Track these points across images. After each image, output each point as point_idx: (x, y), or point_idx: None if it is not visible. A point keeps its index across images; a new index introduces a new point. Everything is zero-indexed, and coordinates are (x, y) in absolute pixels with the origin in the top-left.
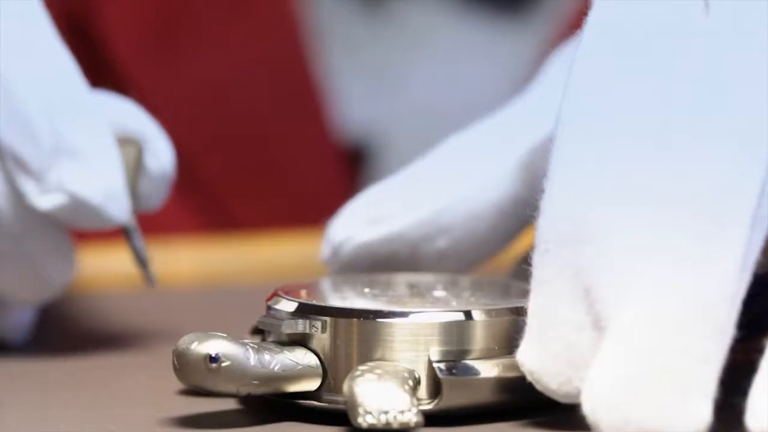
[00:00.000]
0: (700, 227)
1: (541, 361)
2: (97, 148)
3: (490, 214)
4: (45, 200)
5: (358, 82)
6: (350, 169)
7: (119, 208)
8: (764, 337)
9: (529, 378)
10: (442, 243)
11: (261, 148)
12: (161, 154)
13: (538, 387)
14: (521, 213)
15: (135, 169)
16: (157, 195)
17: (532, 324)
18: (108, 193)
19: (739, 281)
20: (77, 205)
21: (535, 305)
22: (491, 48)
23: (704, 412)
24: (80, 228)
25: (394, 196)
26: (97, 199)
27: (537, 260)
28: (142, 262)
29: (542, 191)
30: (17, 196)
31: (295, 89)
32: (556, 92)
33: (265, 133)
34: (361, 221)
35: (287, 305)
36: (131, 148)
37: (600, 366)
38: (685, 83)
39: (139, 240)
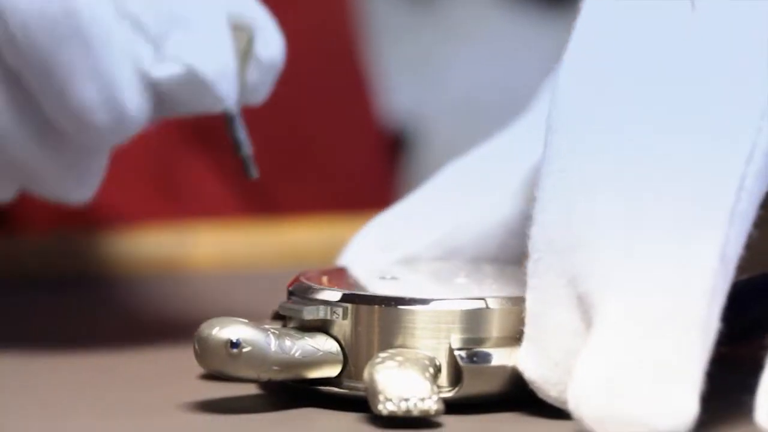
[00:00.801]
0: (682, 225)
1: (541, 369)
2: (213, 27)
3: (499, 233)
4: (161, 68)
5: (403, 71)
6: (392, 156)
7: (228, 89)
8: None
9: (530, 386)
10: None
11: (305, 133)
12: (271, 44)
13: (540, 395)
14: (529, 230)
15: (245, 56)
16: (263, 87)
17: (530, 333)
18: (220, 71)
19: (719, 276)
20: (191, 77)
21: (532, 314)
22: (532, 40)
23: (690, 404)
24: (185, 110)
25: (404, 222)
26: (210, 75)
27: (531, 269)
28: (242, 152)
29: (534, 200)
30: None
31: (341, 75)
32: None
33: (310, 118)
34: (373, 248)
35: (309, 291)
36: (243, 34)
37: (584, 362)
38: (671, 82)
39: (242, 130)
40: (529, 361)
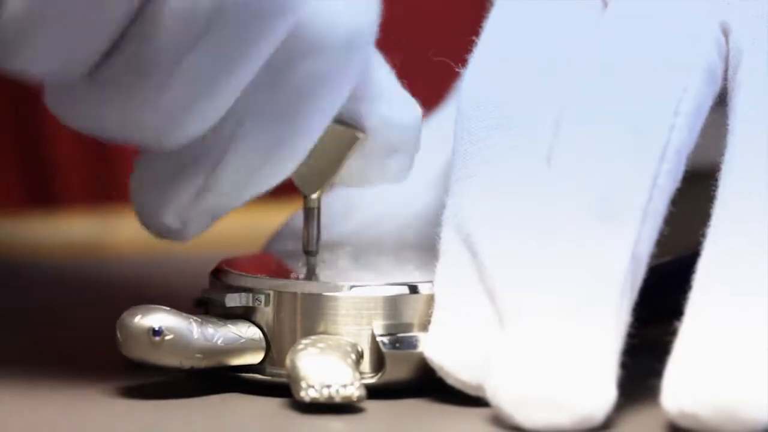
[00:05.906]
0: (594, 222)
1: (450, 354)
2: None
3: (417, 223)
4: None
5: None
6: None
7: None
8: (676, 321)
9: (438, 373)
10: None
11: None
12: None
13: (449, 381)
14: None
15: (344, 153)
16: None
17: (439, 320)
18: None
19: (629, 272)
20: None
21: (441, 304)
22: None
23: (608, 388)
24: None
25: (327, 210)
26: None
27: (441, 266)
28: (309, 248)
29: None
30: None
31: None
32: None
33: None
34: (296, 234)
35: (231, 278)
36: (350, 132)
37: (501, 351)
38: (583, 81)
39: (316, 228)
40: (438, 347)
